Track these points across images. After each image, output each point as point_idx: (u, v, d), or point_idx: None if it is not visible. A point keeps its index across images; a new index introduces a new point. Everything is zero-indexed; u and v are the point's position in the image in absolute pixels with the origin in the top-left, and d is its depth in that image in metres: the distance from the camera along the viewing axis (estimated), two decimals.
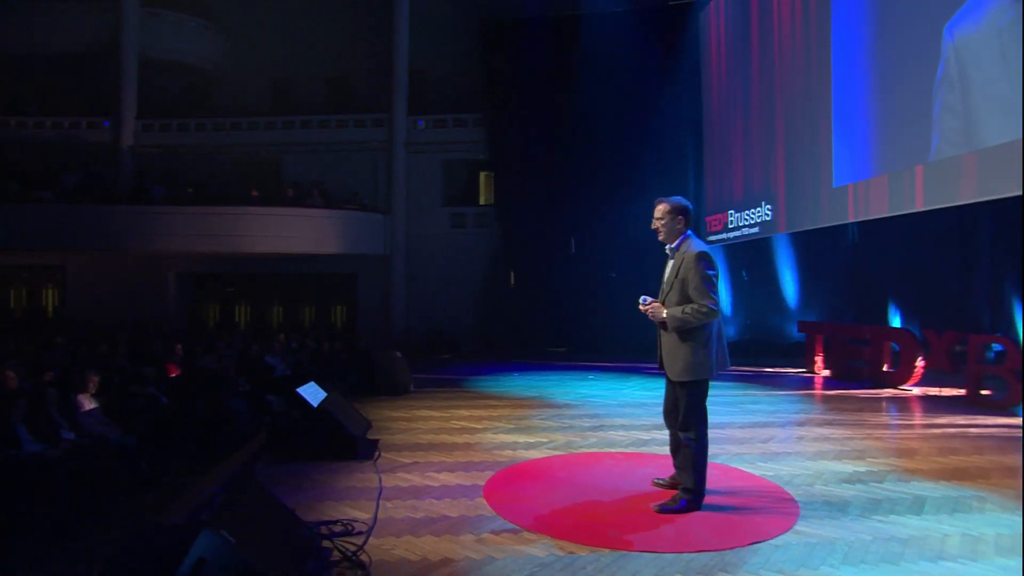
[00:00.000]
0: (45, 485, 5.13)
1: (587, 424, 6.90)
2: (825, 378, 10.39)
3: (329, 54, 17.54)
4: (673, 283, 4.13)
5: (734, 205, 12.29)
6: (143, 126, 16.75)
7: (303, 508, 4.25)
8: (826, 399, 8.64)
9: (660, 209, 4.23)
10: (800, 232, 11.10)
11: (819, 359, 10.76)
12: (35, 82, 16.88)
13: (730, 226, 12.40)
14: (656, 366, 4.40)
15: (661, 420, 6.91)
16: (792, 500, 4.39)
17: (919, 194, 7.70)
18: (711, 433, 4.35)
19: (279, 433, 5.75)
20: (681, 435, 4.19)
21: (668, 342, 4.16)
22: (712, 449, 5.71)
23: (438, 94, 17.40)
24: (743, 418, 7.14)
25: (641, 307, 4.24)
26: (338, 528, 3.86)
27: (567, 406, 8.02)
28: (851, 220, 9.26)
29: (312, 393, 6.50)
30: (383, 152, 16.91)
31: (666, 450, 5.75)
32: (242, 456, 5.68)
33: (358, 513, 4.16)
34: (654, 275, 14.03)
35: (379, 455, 5.60)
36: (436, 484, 4.79)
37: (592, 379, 10.47)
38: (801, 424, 6.92)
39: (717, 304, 3.96)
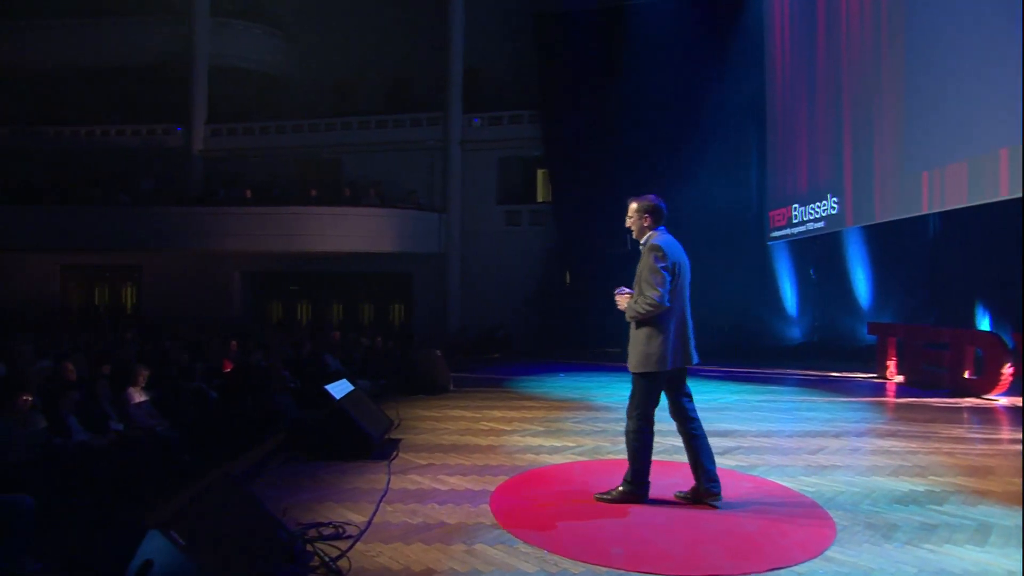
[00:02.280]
0: (87, 473, 5.26)
1: (621, 428, 6.38)
2: (897, 385, 9.55)
3: (388, 55, 17.76)
4: (636, 277, 4.14)
5: (798, 199, 11.53)
6: (212, 131, 17.45)
7: (300, 508, 4.15)
8: (894, 407, 7.91)
9: (630, 208, 4.26)
10: (874, 225, 10.26)
11: (891, 364, 9.91)
12: (115, 92, 17.89)
13: (794, 221, 11.65)
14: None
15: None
16: (829, 520, 3.92)
17: (1003, 180, 6.90)
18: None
19: (298, 431, 5.71)
20: (626, 422, 4.23)
21: (630, 333, 4.19)
22: (750, 459, 5.31)
23: (494, 91, 17.30)
24: (793, 426, 6.60)
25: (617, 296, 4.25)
26: (328, 531, 3.72)
27: (606, 409, 7.66)
28: (925, 211, 8.45)
29: (340, 390, 6.45)
30: (439, 151, 16.95)
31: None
32: (257, 453, 5.68)
33: (355, 516, 4.01)
34: (712, 273, 13.45)
35: (396, 455, 5.46)
36: (444, 488, 4.59)
37: None
38: (859, 435, 6.31)
39: (662, 297, 3.93)
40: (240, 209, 15.53)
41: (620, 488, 4.20)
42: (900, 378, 9.69)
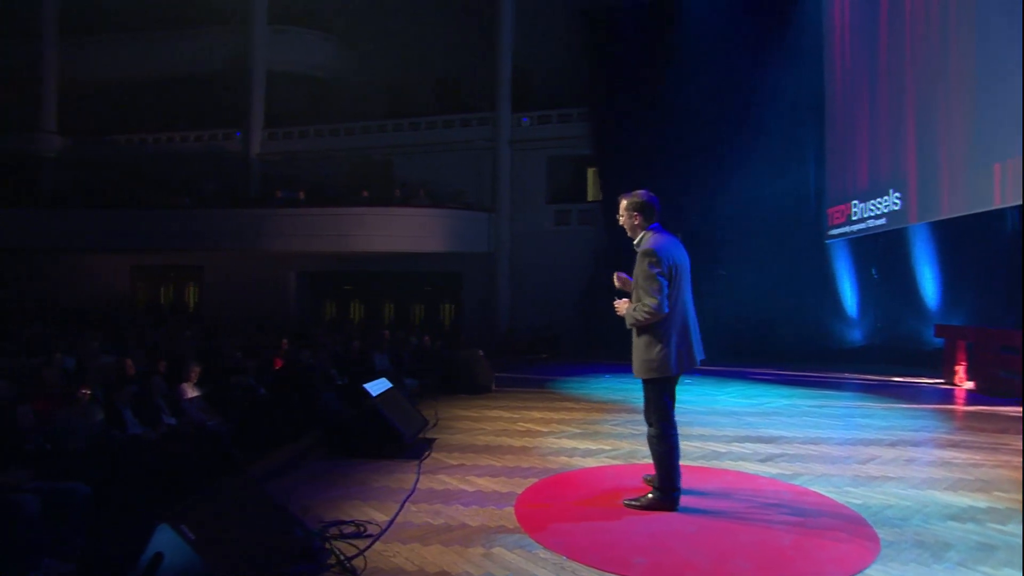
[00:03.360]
0: (139, 464, 5.45)
1: None
2: (967, 391, 8.96)
3: (439, 57, 17.92)
4: (634, 282, 4.02)
5: (858, 195, 10.98)
6: (269, 135, 18.00)
7: (326, 505, 4.18)
8: (960, 416, 7.42)
9: (620, 205, 4.12)
10: (943, 221, 9.64)
11: (960, 368, 9.30)
12: (180, 101, 18.71)
13: (854, 218, 11.10)
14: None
15: (745, 431, 6.31)
16: (874, 536, 3.67)
17: None
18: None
19: (334, 429, 5.77)
20: (647, 429, 4.10)
21: (633, 339, 4.06)
22: (793, 467, 5.06)
23: (543, 90, 17.20)
24: (845, 433, 6.26)
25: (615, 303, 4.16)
26: (349, 529, 3.73)
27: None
28: (997, 205, 7.88)
29: (378, 389, 6.49)
30: (488, 150, 16.96)
31: (736, 465, 5.15)
32: (293, 449, 5.76)
33: (378, 515, 4.01)
34: (766, 273, 12.95)
35: (428, 455, 5.44)
36: (471, 489, 4.54)
37: (688, 383, 9.73)
38: (917, 444, 5.93)
39: (660, 304, 3.80)
40: (294, 210, 15.94)
41: (650, 495, 4.07)
42: (970, 384, 9.09)
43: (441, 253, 16.23)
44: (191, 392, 7.11)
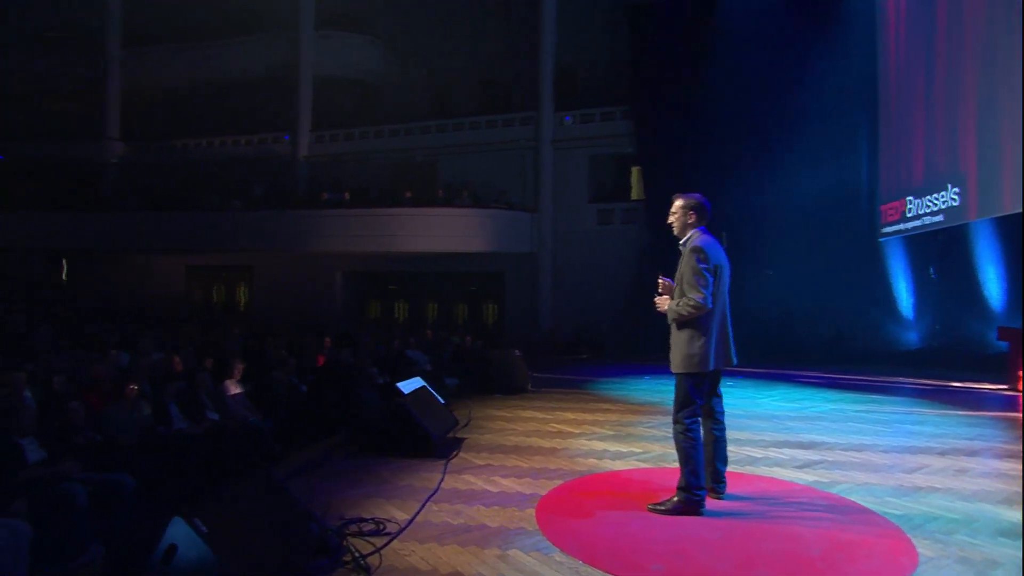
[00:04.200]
0: (183, 458, 5.64)
1: None
2: None
3: (482, 58, 17.99)
4: (677, 278, 4.10)
5: (913, 191, 10.48)
6: (316, 138, 18.41)
7: (348, 503, 4.22)
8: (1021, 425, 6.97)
9: (675, 204, 4.22)
10: (1008, 217, 9.10)
11: None
12: (231, 106, 19.35)
13: (908, 215, 10.60)
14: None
15: (784, 436, 6.09)
16: (912, 550, 3.47)
17: None
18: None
19: (364, 426, 5.83)
20: (673, 427, 4.10)
21: (672, 334, 4.13)
22: (832, 475, 4.85)
23: (586, 89, 17.07)
24: (892, 440, 5.96)
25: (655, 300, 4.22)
26: (368, 527, 3.74)
27: None
28: None
29: (410, 387, 6.54)
30: (530, 150, 16.93)
31: (771, 471, 4.97)
32: (323, 447, 5.85)
33: (399, 513, 4.02)
34: (815, 273, 12.51)
35: (456, 454, 5.44)
36: (495, 490, 4.51)
37: (730, 386, 9.48)
38: (971, 453, 5.60)
39: (705, 299, 3.90)
40: (339, 212, 16.25)
41: (674, 498, 3.97)
42: None
43: (484, 253, 16.27)
44: (234, 389, 7.30)
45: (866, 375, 10.31)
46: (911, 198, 10.59)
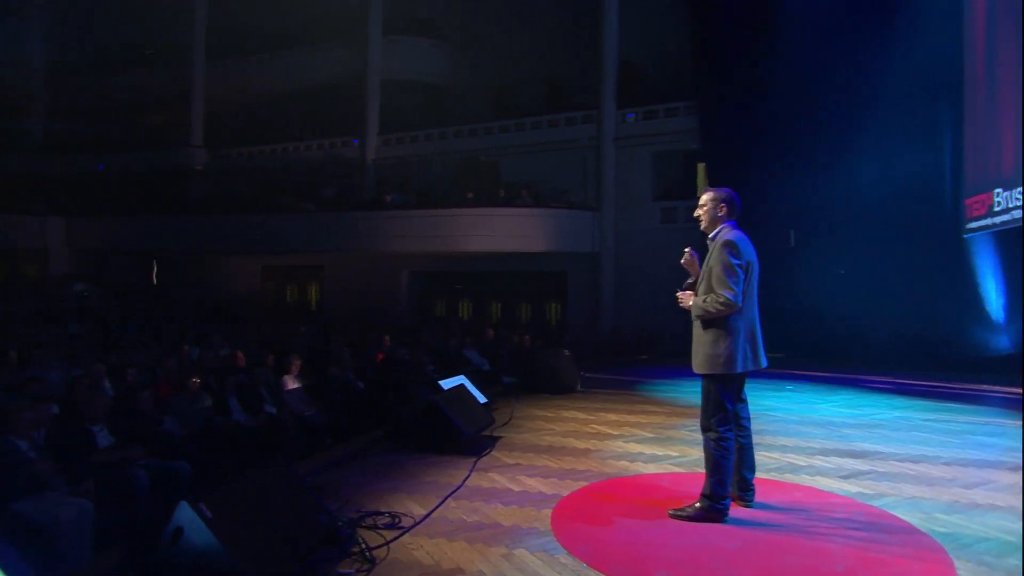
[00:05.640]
0: (238, 449, 5.94)
1: None
2: None
3: (545, 57, 17.96)
4: (705, 272, 3.93)
5: (1002, 182, 9.68)
6: (383, 140, 18.91)
7: (371, 496, 4.31)
8: None
9: (704, 197, 4.08)
10: None
11: None
12: (303, 112, 20.19)
13: (996, 209, 9.80)
14: None
15: (835, 444, 5.77)
16: (950, 571, 3.21)
17: None
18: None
19: (403, 423, 5.94)
20: (702, 435, 3.94)
21: (695, 332, 3.96)
22: (879, 486, 4.56)
23: (649, 85, 16.72)
24: (957, 452, 5.52)
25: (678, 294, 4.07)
26: (384, 520, 3.82)
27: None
28: None
29: (450, 385, 6.63)
30: (592, 148, 16.76)
31: (812, 480, 4.71)
32: (361, 441, 6.00)
33: (418, 508, 4.08)
34: (892, 272, 11.74)
35: (488, 452, 5.46)
36: (517, 489, 4.50)
37: (790, 389, 9.07)
38: None
39: (736, 296, 3.71)
40: (404, 212, 16.61)
41: (697, 504, 3.84)
42: None
43: (546, 253, 16.23)
44: (292, 384, 7.61)
45: (945, 382, 9.60)
46: (999, 190, 9.79)
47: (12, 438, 4.36)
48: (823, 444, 5.77)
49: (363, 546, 3.37)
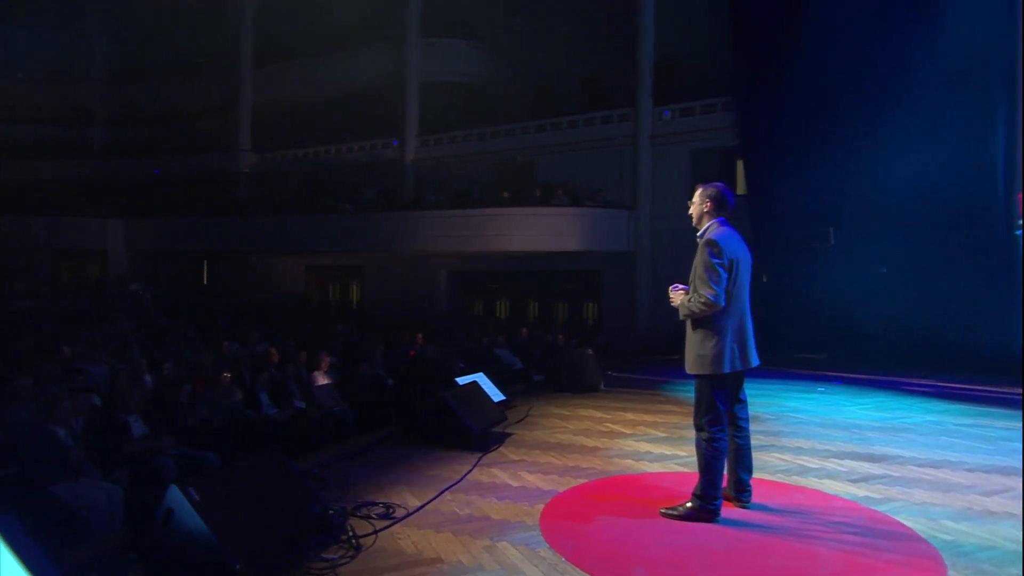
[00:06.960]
0: (265, 441, 6.19)
1: (754, 443, 5.81)
2: None
3: (582, 56, 17.91)
4: (692, 272, 3.90)
5: None
6: (422, 142, 19.20)
7: (371, 487, 4.44)
8: None
9: (695, 193, 4.05)
10: None
11: None
12: (344, 115, 20.67)
13: None
14: None
15: (854, 447, 5.62)
16: None
17: None
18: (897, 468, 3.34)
19: (416, 418, 6.07)
20: (695, 434, 3.93)
21: (686, 332, 3.96)
22: (890, 491, 4.45)
23: (686, 81, 16.48)
24: (985, 459, 5.29)
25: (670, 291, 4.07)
26: (378, 511, 3.93)
27: (754, 419, 6.86)
28: None
29: (465, 383, 6.73)
30: (628, 147, 16.63)
31: (819, 483, 4.61)
32: (374, 436, 6.15)
33: (414, 500, 4.19)
34: (938, 271, 11.27)
35: (496, 448, 5.53)
36: (516, 484, 4.55)
37: (821, 391, 8.83)
38: None
39: (718, 296, 3.70)
40: (443, 212, 16.83)
41: (688, 504, 3.82)
42: None
43: (582, 252, 16.19)
44: (322, 380, 7.85)
45: (988, 385, 9.16)
46: None
47: (52, 426, 4.67)
48: (841, 447, 5.62)
49: (351, 534, 3.48)
